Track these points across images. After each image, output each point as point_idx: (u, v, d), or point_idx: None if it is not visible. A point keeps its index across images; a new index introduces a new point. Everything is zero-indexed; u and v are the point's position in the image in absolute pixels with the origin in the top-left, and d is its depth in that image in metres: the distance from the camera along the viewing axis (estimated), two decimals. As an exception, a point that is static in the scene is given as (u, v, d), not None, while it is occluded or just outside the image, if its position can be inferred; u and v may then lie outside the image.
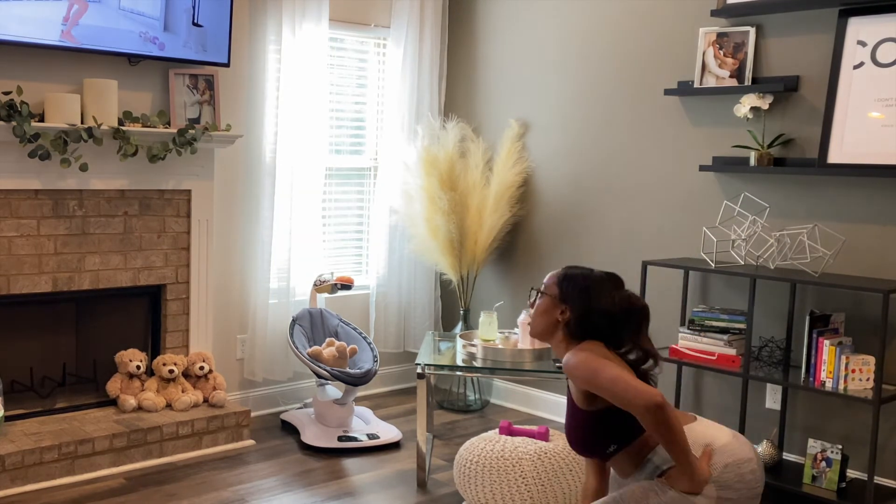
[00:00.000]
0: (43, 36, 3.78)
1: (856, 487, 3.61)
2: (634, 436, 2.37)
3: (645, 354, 2.44)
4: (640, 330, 2.44)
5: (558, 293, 2.49)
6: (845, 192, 3.76)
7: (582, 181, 4.70)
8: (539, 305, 2.54)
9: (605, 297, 2.43)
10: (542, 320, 2.52)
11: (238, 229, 4.65)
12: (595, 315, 2.42)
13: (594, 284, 2.45)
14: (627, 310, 2.43)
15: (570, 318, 2.45)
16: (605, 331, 2.42)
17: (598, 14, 4.60)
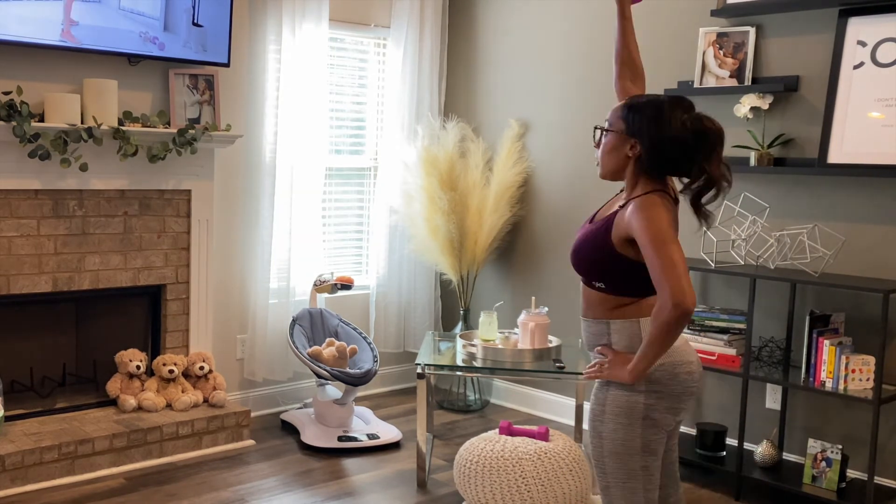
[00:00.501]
0: (43, 36, 3.78)
1: (856, 487, 3.61)
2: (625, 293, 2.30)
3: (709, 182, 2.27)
4: (713, 153, 2.26)
5: (625, 127, 2.32)
6: (845, 192, 3.76)
7: (582, 181, 4.70)
8: (606, 143, 2.38)
9: (675, 124, 2.26)
10: (611, 158, 2.38)
11: (238, 229, 4.65)
12: (668, 144, 2.26)
13: (664, 111, 2.27)
14: (701, 132, 2.26)
15: (640, 152, 2.30)
16: (679, 159, 2.27)
17: (598, 14, 4.60)
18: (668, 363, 2.28)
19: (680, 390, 2.30)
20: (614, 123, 2.36)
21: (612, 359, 2.30)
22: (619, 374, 2.26)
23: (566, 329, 4.67)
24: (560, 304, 4.76)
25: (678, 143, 2.26)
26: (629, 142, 2.32)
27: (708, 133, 2.26)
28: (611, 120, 2.38)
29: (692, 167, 2.27)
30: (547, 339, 3.93)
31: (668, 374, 2.28)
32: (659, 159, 2.29)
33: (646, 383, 2.28)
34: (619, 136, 2.35)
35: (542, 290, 4.86)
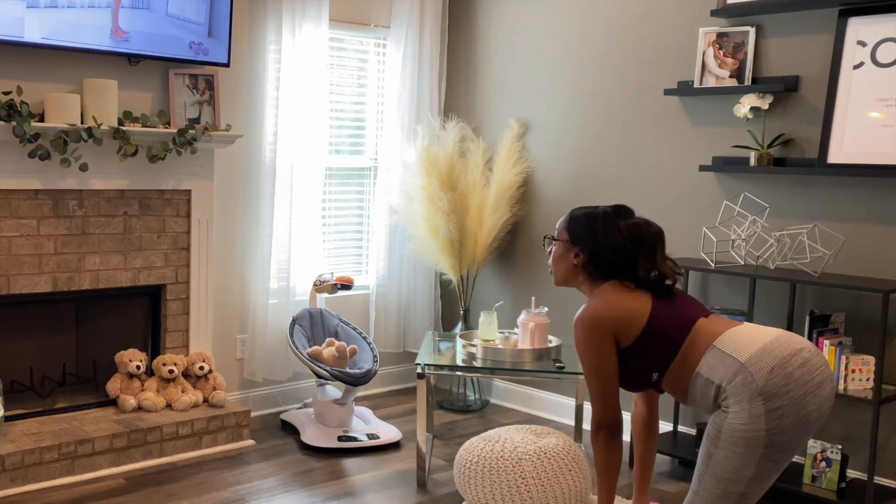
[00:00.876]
0: (95, 41, 3.89)
1: (856, 487, 3.61)
2: (669, 360, 2.35)
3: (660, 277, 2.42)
4: (655, 253, 2.42)
5: (568, 237, 2.51)
6: (845, 192, 3.76)
7: (582, 181, 4.70)
8: (554, 253, 2.56)
9: (612, 232, 2.43)
10: (560, 267, 2.55)
11: (238, 229, 4.65)
12: (606, 251, 2.42)
13: (599, 220, 2.46)
14: (638, 237, 2.42)
15: (584, 260, 2.46)
16: (620, 264, 2.42)
17: (598, 14, 4.60)
18: (777, 364, 2.20)
19: (801, 391, 2.18)
20: (560, 234, 2.55)
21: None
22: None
23: (566, 329, 4.67)
24: (560, 304, 4.76)
25: (616, 249, 2.43)
26: (573, 250, 2.50)
27: (644, 237, 2.42)
28: (558, 230, 2.57)
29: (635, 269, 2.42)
30: (547, 339, 3.93)
31: (781, 378, 2.18)
32: (601, 265, 2.46)
33: (762, 401, 2.16)
34: (564, 245, 2.53)
35: (542, 290, 4.86)
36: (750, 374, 2.19)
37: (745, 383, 2.19)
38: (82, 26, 3.84)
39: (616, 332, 2.35)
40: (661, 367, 2.36)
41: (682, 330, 2.32)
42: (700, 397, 2.33)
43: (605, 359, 2.34)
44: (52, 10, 3.75)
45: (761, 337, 2.28)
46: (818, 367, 2.23)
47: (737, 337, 2.28)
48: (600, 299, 2.40)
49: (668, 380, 2.38)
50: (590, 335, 2.35)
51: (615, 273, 2.43)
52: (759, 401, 2.17)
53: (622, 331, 2.35)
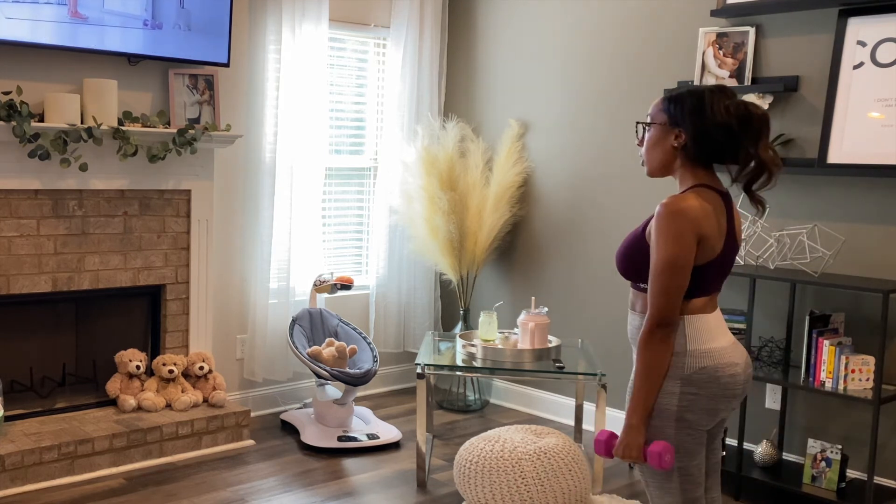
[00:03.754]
0: (46, 26, 3.78)
1: (855, 487, 3.61)
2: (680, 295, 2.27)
3: (759, 167, 2.28)
4: (760, 138, 2.27)
5: (667, 118, 2.33)
6: (845, 192, 3.76)
7: (582, 181, 4.70)
8: (650, 138, 2.37)
9: (719, 109, 2.26)
10: (657, 153, 2.35)
11: (238, 229, 4.65)
12: (713, 130, 2.26)
13: (704, 98, 2.29)
14: (745, 117, 2.26)
15: (686, 141, 2.29)
16: (725, 145, 2.27)
17: (598, 14, 4.60)
18: (711, 366, 2.23)
19: (719, 393, 2.24)
20: (656, 116, 2.37)
21: None
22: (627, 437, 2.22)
23: (566, 329, 4.68)
24: (560, 304, 4.76)
25: (723, 128, 2.26)
26: (673, 132, 2.32)
27: (753, 118, 2.27)
28: (652, 114, 2.39)
29: (739, 153, 2.28)
30: (547, 339, 3.93)
31: (707, 376, 2.23)
32: (705, 146, 2.29)
33: (680, 384, 2.23)
34: (662, 128, 2.35)
35: (542, 290, 4.86)
36: (683, 362, 2.23)
37: (675, 364, 2.24)
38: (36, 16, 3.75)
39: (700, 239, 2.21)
40: None
41: (700, 292, 2.27)
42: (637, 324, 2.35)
43: (689, 253, 2.19)
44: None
45: (716, 338, 2.28)
46: (741, 383, 2.30)
47: (702, 324, 2.27)
48: (697, 200, 2.23)
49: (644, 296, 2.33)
50: (685, 226, 2.19)
51: (717, 155, 2.30)
52: (677, 383, 2.23)
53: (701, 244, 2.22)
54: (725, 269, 2.32)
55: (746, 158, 2.28)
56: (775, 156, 2.30)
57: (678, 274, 2.20)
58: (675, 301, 2.20)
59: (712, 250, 2.24)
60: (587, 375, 3.79)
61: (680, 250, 2.19)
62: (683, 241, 2.19)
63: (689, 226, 2.19)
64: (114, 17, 3.95)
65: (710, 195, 2.27)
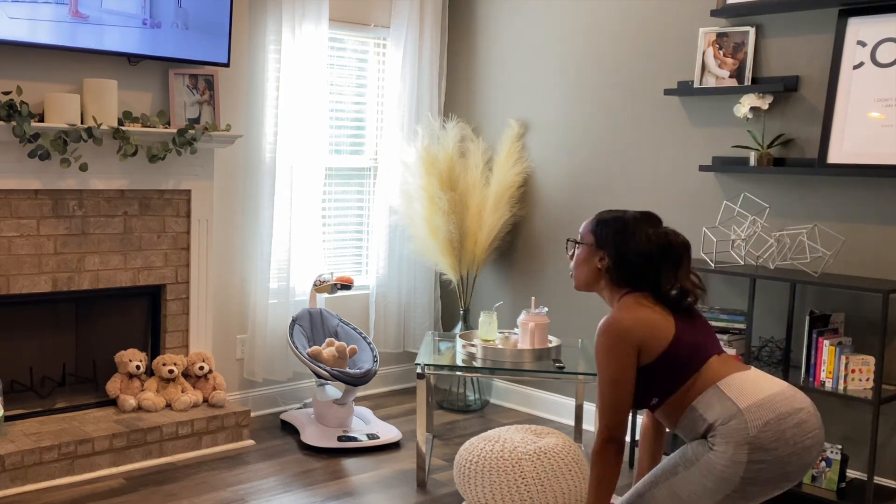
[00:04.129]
0: (49, 30, 3.78)
1: (855, 487, 3.61)
2: (674, 389, 2.33)
3: (682, 293, 2.38)
4: (680, 266, 2.37)
5: (594, 240, 2.46)
6: (845, 192, 3.76)
7: (582, 181, 4.70)
8: (578, 256, 2.52)
9: (640, 237, 2.38)
10: (582, 270, 2.51)
11: (238, 229, 4.65)
12: (633, 257, 2.38)
13: (628, 225, 2.41)
14: (665, 246, 2.37)
15: (609, 264, 2.42)
16: (645, 272, 2.37)
17: (598, 14, 4.60)
18: (773, 419, 2.19)
19: (788, 451, 2.18)
20: (585, 237, 2.52)
21: None
22: None
23: (566, 329, 4.67)
24: (560, 304, 4.76)
25: (643, 256, 2.38)
26: (598, 254, 2.46)
27: (672, 247, 2.38)
28: (582, 233, 2.53)
29: (659, 279, 2.38)
30: (547, 339, 3.93)
31: (773, 433, 2.18)
32: (625, 271, 2.41)
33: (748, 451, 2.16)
34: (588, 248, 2.49)
35: (542, 290, 4.86)
36: (745, 422, 2.20)
37: (737, 429, 2.20)
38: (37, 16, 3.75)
39: (640, 346, 2.30)
40: (665, 394, 2.34)
41: (697, 362, 2.29)
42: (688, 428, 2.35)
43: (627, 370, 2.29)
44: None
45: (765, 388, 2.27)
46: (811, 430, 2.25)
47: (741, 382, 2.27)
48: (628, 311, 2.34)
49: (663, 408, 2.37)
50: (616, 344, 2.29)
51: (638, 281, 2.39)
52: (745, 449, 2.18)
53: (645, 347, 2.30)
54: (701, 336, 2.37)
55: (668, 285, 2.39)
56: (698, 281, 2.41)
57: (619, 389, 2.29)
58: (622, 415, 2.29)
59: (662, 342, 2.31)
60: (587, 375, 3.79)
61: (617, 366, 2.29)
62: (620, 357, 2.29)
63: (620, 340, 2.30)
64: (112, 16, 3.95)
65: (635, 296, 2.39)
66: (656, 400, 2.35)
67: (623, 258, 2.39)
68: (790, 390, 2.28)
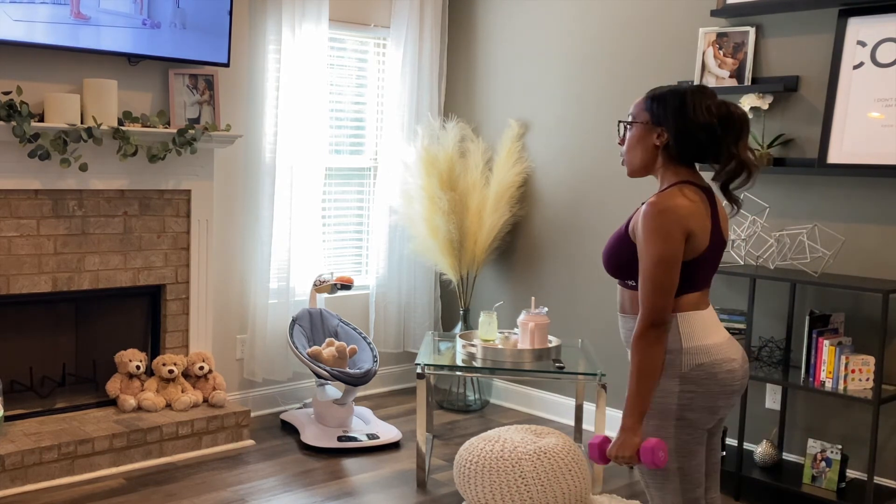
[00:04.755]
0: (51, 29, 3.78)
1: (855, 487, 3.61)
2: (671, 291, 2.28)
3: (739, 166, 2.32)
4: (741, 138, 2.30)
5: (650, 117, 2.34)
6: (845, 192, 3.76)
7: (582, 181, 4.70)
8: (631, 137, 2.40)
9: (701, 109, 2.28)
10: (638, 151, 2.39)
11: (238, 229, 4.65)
12: (695, 129, 2.28)
13: (686, 98, 2.30)
14: (727, 117, 2.29)
15: (668, 140, 2.31)
16: (707, 144, 2.30)
17: (598, 14, 4.60)
18: (707, 363, 2.23)
19: (717, 389, 2.24)
20: (638, 115, 2.38)
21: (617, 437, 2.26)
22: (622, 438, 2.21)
23: (566, 329, 4.67)
24: (560, 304, 4.76)
25: (705, 127, 2.28)
26: (655, 131, 2.34)
27: (733, 118, 2.30)
28: (634, 112, 2.40)
29: (720, 152, 2.31)
30: (547, 339, 3.93)
31: (705, 373, 2.23)
32: (687, 145, 2.31)
33: (679, 382, 2.23)
34: (644, 126, 2.36)
35: (542, 290, 4.86)
36: (679, 359, 2.24)
37: (671, 362, 2.24)
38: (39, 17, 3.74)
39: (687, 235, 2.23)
40: None
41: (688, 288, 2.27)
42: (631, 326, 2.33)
43: (677, 250, 2.20)
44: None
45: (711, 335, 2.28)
46: (739, 378, 2.29)
47: (695, 321, 2.27)
48: (686, 201, 2.25)
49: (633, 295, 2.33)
50: (672, 224, 2.20)
51: (699, 154, 2.32)
52: (675, 381, 2.23)
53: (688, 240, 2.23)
54: (713, 264, 2.33)
55: (727, 158, 2.32)
56: (755, 156, 2.34)
57: (669, 271, 2.20)
58: (668, 299, 2.21)
59: (700, 246, 2.25)
60: (587, 375, 3.79)
61: (670, 247, 2.20)
62: (672, 238, 2.20)
63: (677, 223, 2.21)
64: (111, 16, 3.94)
65: (693, 192, 2.29)
66: (633, 283, 2.32)
67: (684, 132, 2.29)
68: (729, 342, 2.31)
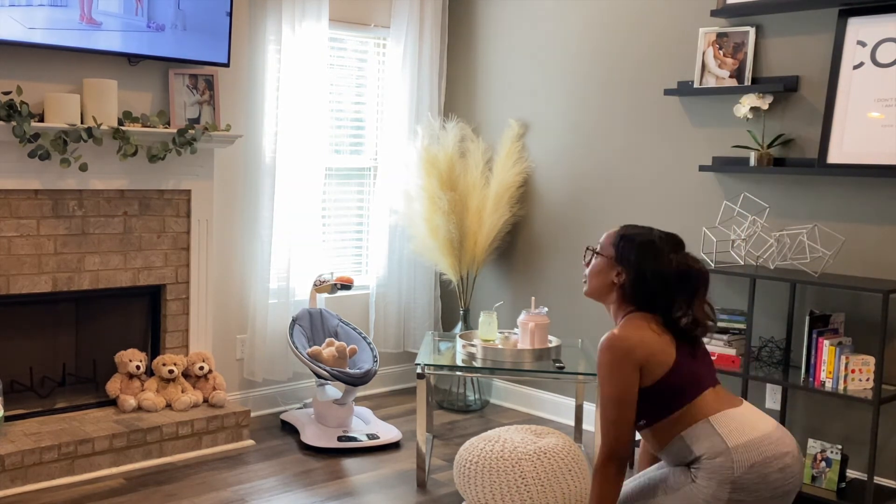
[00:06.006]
0: (61, 32, 3.78)
1: (855, 487, 3.61)
2: (664, 416, 2.32)
3: (693, 323, 2.34)
4: (696, 295, 2.34)
5: (614, 254, 2.41)
6: (845, 192, 3.76)
7: (582, 181, 4.70)
8: (594, 266, 2.47)
9: (662, 260, 2.33)
10: (596, 281, 2.46)
11: (238, 229, 4.65)
12: (650, 278, 2.33)
13: (652, 246, 2.36)
14: (684, 273, 2.34)
15: (625, 281, 2.37)
16: (659, 295, 2.34)
17: (598, 14, 4.60)
18: (759, 462, 2.19)
19: (769, 494, 2.19)
20: (605, 249, 2.46)
21: None
22: None
23: (566, 329, 4.67)
24: (560, 304, 4.76)
25: (661, 279, 2.34)
26: (616, 268, 2.41)
27: (691, 275, 2.35)
28: (603, 244, 2.47)
29: (672, 305, 2.35)
30: (547, 339, 3.93)
31: (757, 476, 2.18)
32: (641, 291, 2.37)
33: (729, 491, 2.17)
34: (607, 261, 2.44)
35: (542, 290, 4.86)
36: (731, 461, 2.20)
37: (722, 466, 2.20)
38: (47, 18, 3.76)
39: (642, 367, 2.27)
40: (654, 418, 2.33)
41: (692, 393, 2.28)
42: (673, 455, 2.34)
43: (630, 387, 2.26)
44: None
45: (755, 427, 2.27)
46: (794, 476, 2.26)
47: (732, 419, 2.26)
48: (633, 330, 2.31)
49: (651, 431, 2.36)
50: (619, 361, 2.26)
51: (650, 303, 2.36)
52: (727, 487, 2.18)
53: (645, 369, 2.27)
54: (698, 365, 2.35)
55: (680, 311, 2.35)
56: (710, 312, 2.38)
57: (621, 406, 2.27)
58: (624, 433, 2.26)
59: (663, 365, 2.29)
60: (587, 375, 3.79)
61: (619, 384, 2.26)
62: (621, 374, 2.26)
63: (624, 358, 2.27)
64: (114, 19, 3.94)
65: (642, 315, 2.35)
66: (644, 422, 2.35)
67: (641, 278, 2.35)
68: (778, 431, 2.28)
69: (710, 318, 2.37)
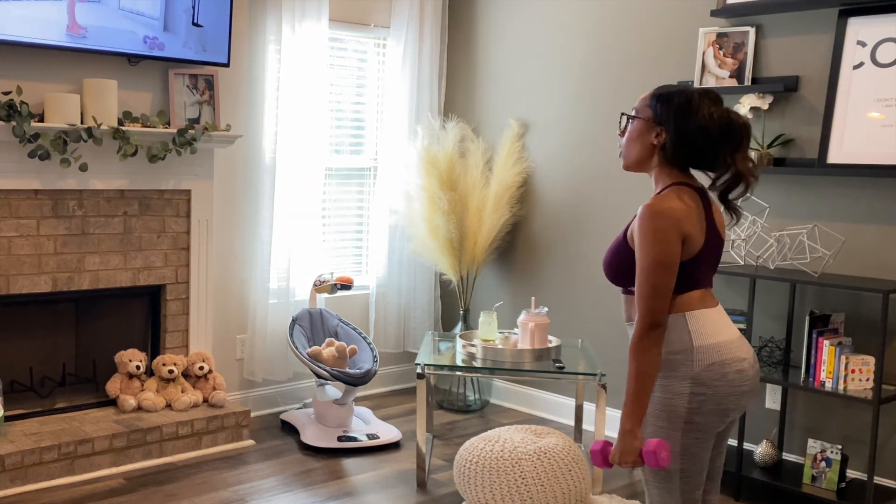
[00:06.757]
0: (46, 36, 3.77)
1: (855, 487, 3.61)
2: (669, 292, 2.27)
3: (736, 177, 2.28)
4: (739, 148, 2.27)
5: (652, 115, 2.32)
6: (845, 192, 3.76)
7: (582, 181, 4.70)
8: (631, 131, 2.39)
9: (702, 114, 2.25)
10: (636, 147, 2.38)
11: (238, 229, 4.65)
12: (694, 134, 2.26)
13: (692, 101, 2.27)
14: (727, 125, 2.26)
15: (666, 140, 2.30)
16: (703, 151, 2.27)
17: (598, 14, 4.60)
18: (718, 362, 2.21)
19: (728, 391, 2.22)
20: (641, 111, 2.36)
21: None
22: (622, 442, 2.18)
23: (566, 329, 4.67)
24: (560, 304, 4.76)
25: (704, 133, 2.26)
26: (655, 129, 2.32)
27: (734, 127, 2.27)
28: (638, 107, 2.37)
29: (716, 160, 2.28)
30: (547, 339, 3.93)
31: (715, 374, 2.21)
32: (683, 149, 2.29)
33: (690, 384, 2.20)
34: (645, 123, 2.34)
35: (542, 290, 4.86)
36: (691, 360, 2.22)
37: (683, 363, 2.22)
38: (35, 20, 3.75)
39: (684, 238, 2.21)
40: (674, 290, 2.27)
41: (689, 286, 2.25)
42: None
43: (672, 252, 2.19)
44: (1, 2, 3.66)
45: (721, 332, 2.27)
46: (749, 378, 2.28)
47: (706, 320, 2.26)
48: (679, 202, 2.24)
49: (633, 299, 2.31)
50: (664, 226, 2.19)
51: (694, 160, 2.31)
52: (686, 383, 2.21)
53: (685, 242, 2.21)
54: (712, 263, 2.32)
55: (724, 167, 2.28)
56: (753, 167, 2.30)
57: (665, 273, 2.19)
58: (665, 301, 2.19)
59: (695, 246, 2.24)
60: (587, 375, 3.79)
61: (666, 250, 2.19)
62: (668, 241, 2.19)
63: (673, 226, 2.20)
64: (121, 23, 3.95)
65: (688, 193, 2.28)
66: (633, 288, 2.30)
67: (683, 135, 2.27)
68: (740, 340, 2.30)
69: (752, 172, 2.29)
